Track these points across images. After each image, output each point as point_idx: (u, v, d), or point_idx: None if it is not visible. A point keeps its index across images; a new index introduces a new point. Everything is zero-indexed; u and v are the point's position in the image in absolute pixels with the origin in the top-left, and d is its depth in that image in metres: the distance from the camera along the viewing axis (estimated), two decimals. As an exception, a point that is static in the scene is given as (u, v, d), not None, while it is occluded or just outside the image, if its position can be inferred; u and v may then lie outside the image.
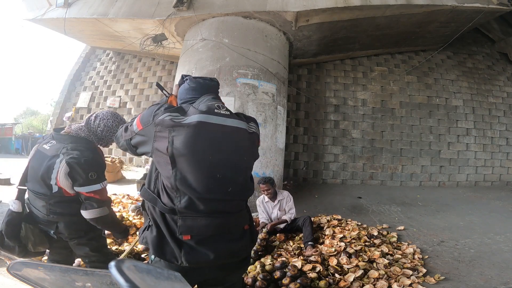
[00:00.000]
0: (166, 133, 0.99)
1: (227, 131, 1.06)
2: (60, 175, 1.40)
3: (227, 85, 4.16)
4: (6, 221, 1.45)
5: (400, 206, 4.51)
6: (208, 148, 1.01)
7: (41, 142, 1.57)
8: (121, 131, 1.16)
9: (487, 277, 2.31)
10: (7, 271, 0.61)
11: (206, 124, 1.02)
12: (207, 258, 1.00)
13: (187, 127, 0.99)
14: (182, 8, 4.42)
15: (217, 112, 1.06)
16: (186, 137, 0.98)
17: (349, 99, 6.41)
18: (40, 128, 24.38)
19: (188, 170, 0.99)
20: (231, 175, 1.06)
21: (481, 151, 6.39)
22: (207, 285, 1.13)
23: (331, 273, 2.28)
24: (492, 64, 6.98)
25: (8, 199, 1.51)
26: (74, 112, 7.76)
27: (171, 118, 1.00)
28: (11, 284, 1.87)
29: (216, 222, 1.02)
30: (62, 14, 5.39)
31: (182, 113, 1.04)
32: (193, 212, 1.00)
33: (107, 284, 0.55)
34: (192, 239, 1.00)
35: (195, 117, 1.01)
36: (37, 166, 1.47)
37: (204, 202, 1.00)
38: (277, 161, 4.48)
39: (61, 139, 1.50)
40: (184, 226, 1.00)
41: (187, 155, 0.98)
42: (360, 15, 4.67)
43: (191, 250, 1.00)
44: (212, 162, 1.02)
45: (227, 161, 1.05)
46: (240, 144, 1.09)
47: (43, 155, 1.47)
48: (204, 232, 1.01)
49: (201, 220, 1.00)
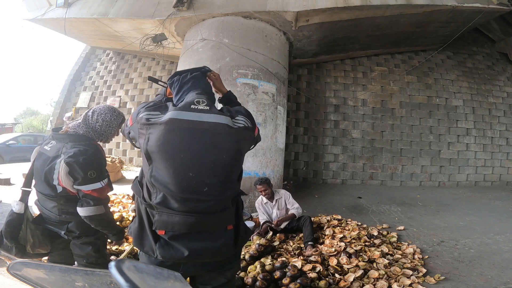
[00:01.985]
0: (144, 131, 1.02)
1: (203, 127, 1.01)
2: (61, 175, 1.40)
3: (227, 85, 4.14)
4: (7, 221, 1.46)
5: (400, 206, 4.51)
6: (180, 146, 0.98)
7: (42, 143, 1.57)
8: (124, 124, 1.25)
9: (487, 277, 2.31)
10: (7, 271, 0.61)
11: (178, 121, 0.99)
12: (180, 254, 1.00)
13: (160, 125, 0.99)
14: (182, 8, 4.42)
15: (193, 108, 1.03)
16: (158, 135, 0.99)
17: (349, 99, 6.41)
18: (40, 128, 24.39)
19: (161, 168, 0.99)
20: (206, 173, 1.00)
21: (481, 151, 6.39)
22: (197, 282, 1.14)
23: (331, 273, 2.28)
24: (492, 64, 6.98)
25: (11, 200, 1.52)
26: (74, 112, 7.76)
27: (147, 117, 1.01)
28: (11, 284, 1.87)
29: (190, 220, 1.00)
30: (62, 14, 5.39)
31: (164, 111, 1.04)
32: (167, 209, 1.00)
33: (107, 284, 0.55)
34: (166, 234, 1.01)
35: (168, 114, 1.01)
36: (40, 168, 1.48)
37: (177, 200, 1.00)
38: (277, 161, 4.48)
39: (60, 138, 1.50)
40: (159, 221, 1.00)
41: (159, 153, 0.99)
42: (360, 15, 4.67)
43: (166, 245, 1.01)
44: (184, 160, 0.99)
45: (201, 159, 1.00)
46: (218, 141, 1.02)
47: (45, 157, 1.48)
48: (178, 229, 1.00)
49: (175, 217, 1.00)
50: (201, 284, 1.14)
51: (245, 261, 2.42)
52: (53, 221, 1.51)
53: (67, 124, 1.59)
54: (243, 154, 1.13)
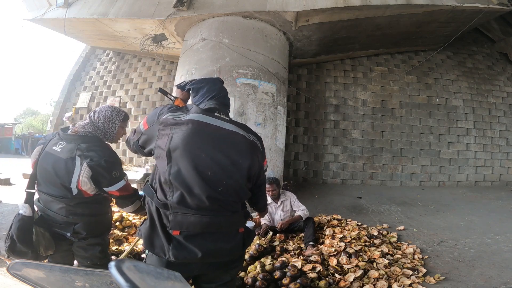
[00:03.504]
0: (168, 131, 1.06)
1: (224, 133, 1.11)
2: (82, 179, 1.39)
3: (227, 85, 4.10)
4: (18, 226, 1.40)
5: (400, 206, 4.51)
6: (202, 146, 1.05)
7: (44, 142, 1.52)
8: (130, 134, 1.26)
9: (487, 277, 2.31)
10: (7, 271, 0.61)
11: (203, 124, 1.08)
12: (194, 255, 1.02)
13: (186, 124, 1.06)
14: (182, 8, 4.42)
15: (216, 115, 1.13)
16: (182, 133, 1.04)
17: (349, 99, 6.41)
18: (40, 128, 24.38)
19: (182, 166, 1.03)
20: (224, 174, 1.08)
21: (481, 151, 6.39)
22: (201, 281, 1.15)
23: (331, 273, 2.28)
24: (492, 64, 6.98)
25: (19, 203, 1.45)
26: (74, 112, 7.76)
27: (173, 117, 1.08)
28: (11, 284, 1.87)
29: (205, 220, 1.04)
30: (62, 14, 5.39)
31: (185, 111, 1.11)
32: (183, 208, 1.03)
33: (107, 284, 0.55)
34: (181, 234, 1.03)
35: (194, 116, 1.08)
36: (51, 169, 1.43)
37: (194, 197, 1.03)
38: (277, 161, 4.48)
39: (71, 139, 1.46)
40: (174, 221, 1.03)
41: (183, 151, 1.03)
42: (360, 15, 4.67)
43: (179, 245, 1.03)
44: (205, 159, 1.05)
45: (220, 160, 1.08)
46: (238, 147, 1.13)
47: (56, 158, 1.43)
48: (193, 229, 1.04)
49: (190, 217, 1.03)
50: (205, 282, 1.15)
51: (245, 261, 2.42)
52: (59, 223, 1.48)
53: (73, 125, 1.56)
54: (252, 171, 1.17)
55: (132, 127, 6.77)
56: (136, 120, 7.14)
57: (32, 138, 12.70)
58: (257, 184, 1.27)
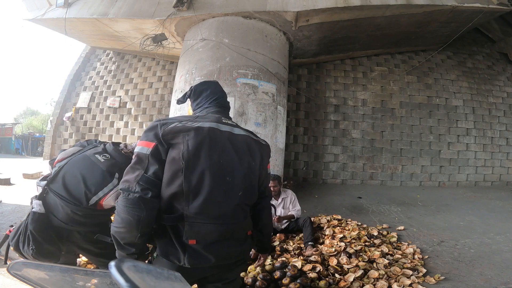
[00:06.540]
0: (180, 139, 1.01)
1: (237, 138, 1.13)
2: (109, 197, 1.40)
3: (227, 85, 4.16)
4: (39, 226, 1.34)
5: (400, 206, 4.51)
6: (219, 152, 1.06)
7: (83, 145, 1.53)
8: (128, 176, 1.00)
9: (487, 277, 2.31)
10: (7, 271, 0.61)
11: (217, 130, 1.08)
12: (208, 262, 1.03)
13: (201, 131, 1.04)
14: (182, 8, 4.42)
15: (224, 122, 1.15)
16: (200, 140, 1.03)
17: (349, 99, 6.41)
18: (40, 128, 24.38)
19: (201, 172, 1.02)
20: (241, 178, 1.10)
21: (481, 151, 6.38)
22: (206, 281, 1.15)
23: (331, 273, 2.28)
24: (492, 64, 6.98)
25: (33, 200, 1.39)
26: (74, 112, 7.76)
27: (182, 124, 1.04)
28: (11, 284, 1.87)
29: (221, 228, 1.05)
30: (62, 14, 5.39)
31: (192, 119, 1.11)
32: (201, 217, 1.02)
33: (107, 284, 0.55)
34: (197, 244, 1.02)
35: (207, 124, 1.08)
36: (81, 172, 1.40)
37: (215, 205, 1.03)
38: (277, 161, 4.48)
39: (118, 157, 1.48)
40: (190, 231, 1.01)
41: (201, 158, 1.02)
42: (360, 15, 4.67)
43: (195, 253, 1.02)
44: (223, 165, 1.06)
45: (237, 164, 1.10)
46: (251, 149, 1.16)
47: (94, 165, 1.42)
48: (210, 237, 1.03)
49: (208, 226, 1.02)
50: (210, 282, 1.15)
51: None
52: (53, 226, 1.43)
53: (125, 145, 1.58)
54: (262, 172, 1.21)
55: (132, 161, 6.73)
56: (136, 120, 7.14)
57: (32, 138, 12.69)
58: (261, 190, 1.24)
